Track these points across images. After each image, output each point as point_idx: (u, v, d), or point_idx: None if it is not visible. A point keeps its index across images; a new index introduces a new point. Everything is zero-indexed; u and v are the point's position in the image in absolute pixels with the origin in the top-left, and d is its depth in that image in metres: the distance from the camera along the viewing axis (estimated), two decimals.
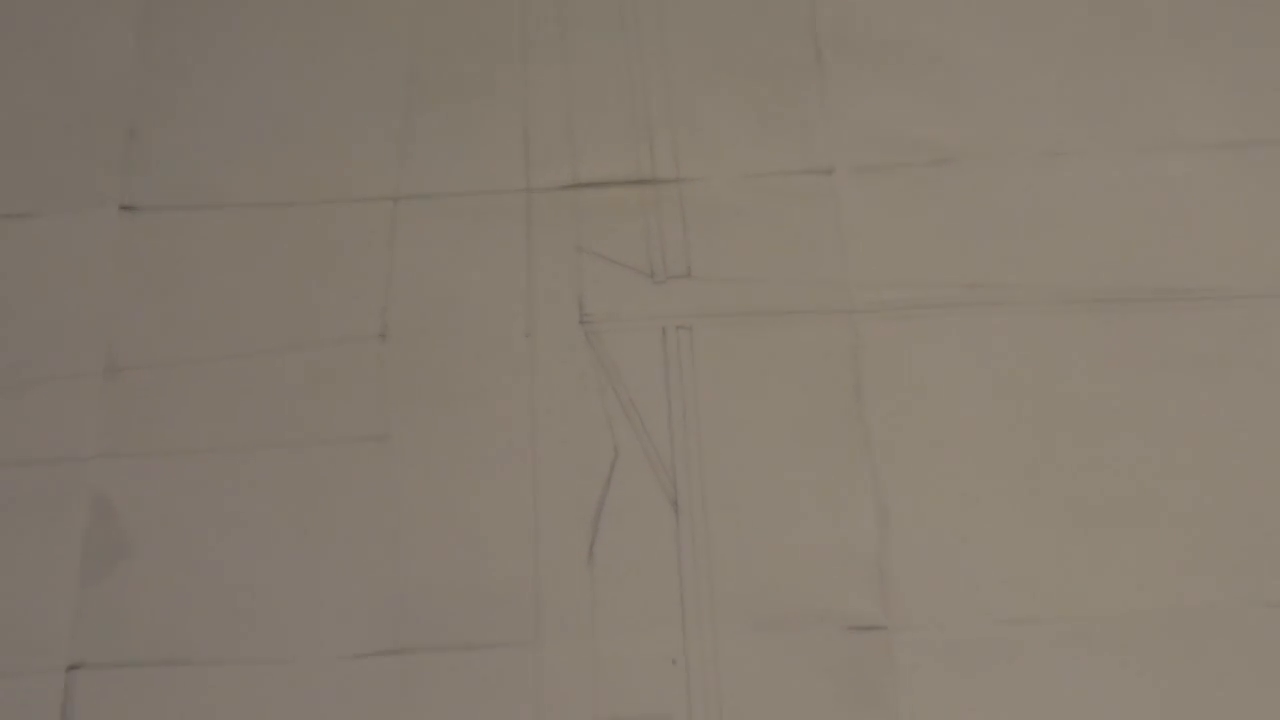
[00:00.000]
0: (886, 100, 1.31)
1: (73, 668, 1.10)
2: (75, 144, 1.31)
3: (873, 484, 1.16)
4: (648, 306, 1.23)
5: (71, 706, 1.09)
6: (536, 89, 1.33)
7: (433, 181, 1.29)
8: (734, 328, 1.22)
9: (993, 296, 1.23)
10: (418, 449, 1.18)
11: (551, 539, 1.14)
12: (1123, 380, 1.19)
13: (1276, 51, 1.33)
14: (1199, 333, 1.21)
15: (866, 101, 1.32)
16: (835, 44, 1.34)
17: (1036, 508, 1.14)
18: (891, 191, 1.28)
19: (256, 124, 1.32)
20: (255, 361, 1.22)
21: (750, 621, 1.11)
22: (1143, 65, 1.33)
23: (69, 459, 1.17)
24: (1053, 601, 1.11)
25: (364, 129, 1.31)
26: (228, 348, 1.22)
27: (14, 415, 1.19)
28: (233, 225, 1.28)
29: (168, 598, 1.12)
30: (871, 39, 1.34)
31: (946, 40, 1.34)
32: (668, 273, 1.25)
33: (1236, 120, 1.30)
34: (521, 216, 1.27)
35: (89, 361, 1.21)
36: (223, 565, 1.14)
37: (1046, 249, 1.25)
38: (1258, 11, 1.34)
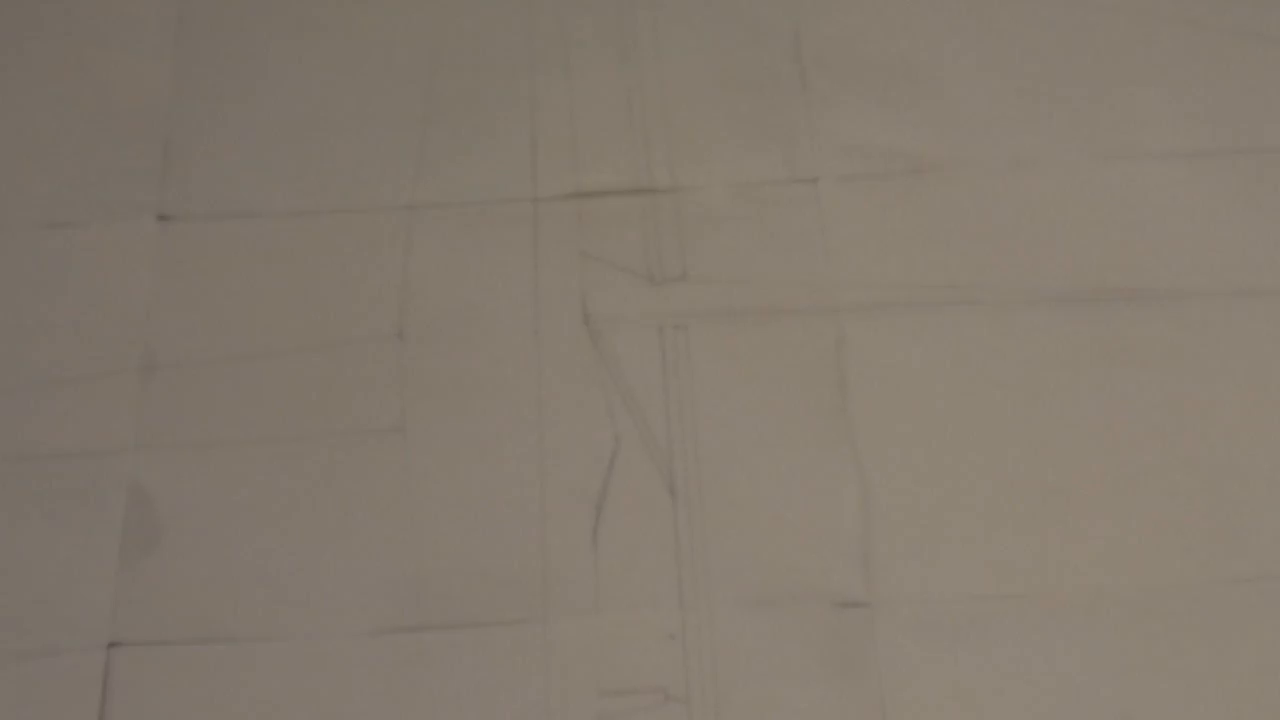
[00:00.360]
0: (866, 115, 1.33)
1: (113, 645, 1.12)
2: (115, 159, 1.33)
3: (856, 470, 1.17)
4: (646, 307, 1.25)
5: (112, 680, 1.11)
6: (542, 106, 1.34)
7: (446, 192, 1.30)
8: (727, 326, 1.24)
9: (966, 296, 1.24)
10: (433, 440, 1.19)
11: (557, 523, 1.16)
12: (1089, 372, 1.21)
13: (1231, 68, 1.34)
14: (1158, 327, 1.23)
15: (848, 116, 1.33)
16: (818, 64, 1.36)
17: (1009, 492, 1.17)
18: (872, 199, 1.29)
19: (283, 139, 1.33)
20: (282, 359, 1.23)
21: (743, 599, 1.13)
22: (1105, 81, 1.34)
23: (108, 451, 1.19)
24: (1024, 580, 1.13)
25: (382, 144, 1.33)
26: (256, 347, 1.23)
27: (57, 410, 1.21)
28: (261, 233, 1.29)
29: (201, 579, 1.14)
30: (852, 59, 1.36)
31: (922, 59, 1.36)
32: (665, 275, 1.26)
33: (1193, 132, 1.32)
34: (529, 224, 1.29)
35: (127, 360, 1.23)
36: (252, 549, 1.16)
37: (1016, 251, 1.26)
38: (1213, 31, 1.36)
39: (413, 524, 1.16)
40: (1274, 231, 1.27)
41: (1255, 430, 1.19)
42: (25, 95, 1.36)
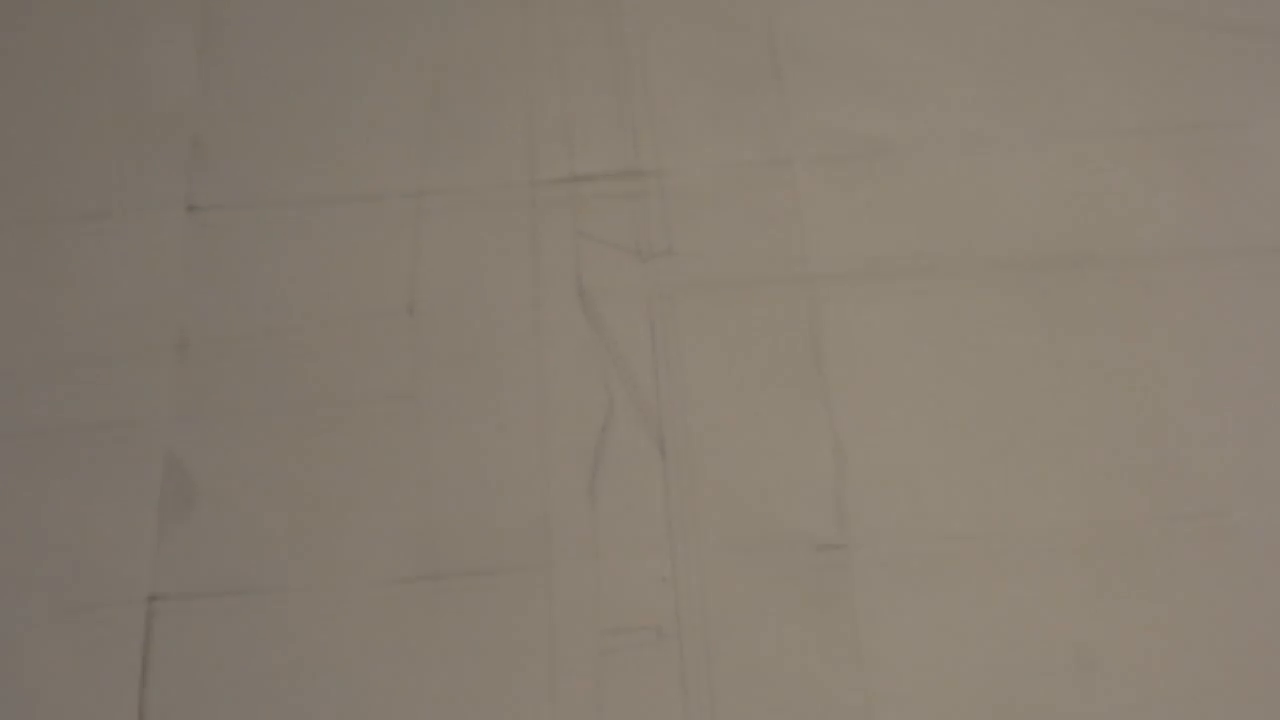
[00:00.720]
0: (835, 101, 1.37)
1: (153, 598, 1.17)
2: (147, 152, 1.36)
3: (830, 426, 1.23)
4: (636, 280, 1.29)
5: (153, 630, 1.16)
6: (538, 100, 1.38)
7: (452, 179, 1.34)
8: (709, 297, 1.28)
9: (929, 265, 1.29)
10: (443, 405, 1.24)
11: (557, 479, 1.21)
12: (1043, 331, 1.26)
13: (1169, 51, 1.39)
14: (1106, 288, 1.28)
15: (818, 102, 1.37)
16: (791, 55, 1.40)
17: (971, 442, 1.22)
18: (841, 178, 1.34)
19: (304, 133, 1.37)
20: (304, 334, 1.28)
21: (728, 544, 1.18)
22: (1055, 65, 1.39)
23: (147, 421, 1.24)
24: (986, 521, 1.19)
25: (394, 136, 1.36)
26: (280, 323, 1.28)
27: (100, 385, 1.26)
28: (284, 219, 1.33)
29: (233, 536, 1.19)
30: (822, 51, 1.40)
31: (885, 49, 1.40)
32: (652, 251, 1.31)
33: (1135, 110, 1.36)
34: (527, 206, 1.33)
35: (162, 338, 1.27)
36: (279, 507, 1.20)
37: (975, 223, 1.31)
38: (1153, 18, 1.41)
39: (425, 482, 1.21)
40: (1209, 198, 1.32)
41: (1194, 381, 1.24)
42: (59, 97, 1.40)
